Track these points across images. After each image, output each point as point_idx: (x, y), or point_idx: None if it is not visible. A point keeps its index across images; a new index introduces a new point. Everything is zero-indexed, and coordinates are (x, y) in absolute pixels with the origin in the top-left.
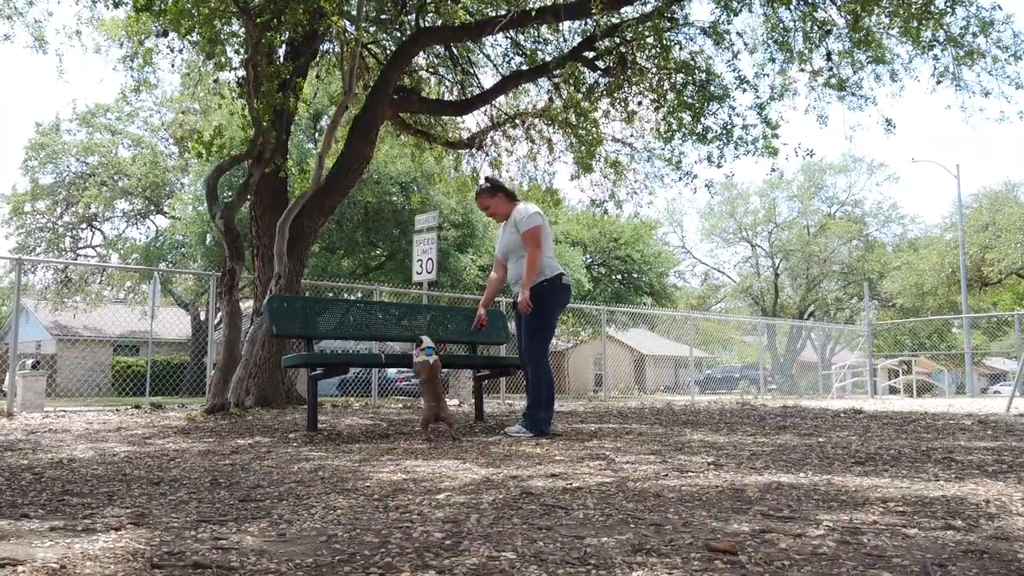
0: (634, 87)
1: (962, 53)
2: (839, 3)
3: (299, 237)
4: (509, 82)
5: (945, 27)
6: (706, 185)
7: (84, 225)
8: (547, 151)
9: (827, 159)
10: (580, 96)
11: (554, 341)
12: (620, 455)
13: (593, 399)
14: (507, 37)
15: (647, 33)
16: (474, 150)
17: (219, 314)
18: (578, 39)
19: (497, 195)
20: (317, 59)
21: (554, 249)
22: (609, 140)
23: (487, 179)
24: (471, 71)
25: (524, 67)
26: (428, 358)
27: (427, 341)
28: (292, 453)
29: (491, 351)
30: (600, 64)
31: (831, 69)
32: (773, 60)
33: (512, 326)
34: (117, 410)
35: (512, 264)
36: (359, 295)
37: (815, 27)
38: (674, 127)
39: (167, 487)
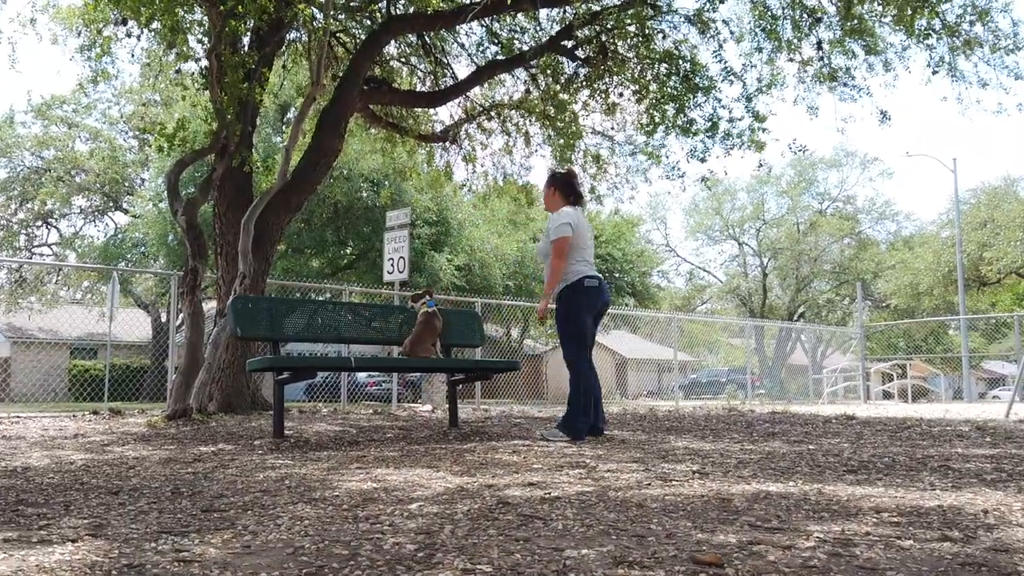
0: (615, 78)
1: (958, 42)
2: None
3: (265, 235)
4: (484, 72)
5: (941, 15)
6: (703, 179)
7: (39, 222)
8: (524, 144)
9: (818, 153)
10: (559, 87)
11: (532, 343)
12: (601, 463)
13: None
14: (482, 25)
15: (629, 21)
16: (448, 143)
17: (181, 316)
18: (556, 27)
19: (552, 189)
20: (284, 48)
21: (590, 251)
22: (589, 133)
23: (560, 172)
24: (445, 61)
25: (500, 57)
26: (428, 308)
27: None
28: (257, 461)
29: (466, 354)
30: (579, 53)
31: (822, 59)
32: (760, 49)
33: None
34: (74, 416)
35: (545, 267)
36: (328, 296)
37: (805, 15)
38: (657, 119)
39: (126, 496)
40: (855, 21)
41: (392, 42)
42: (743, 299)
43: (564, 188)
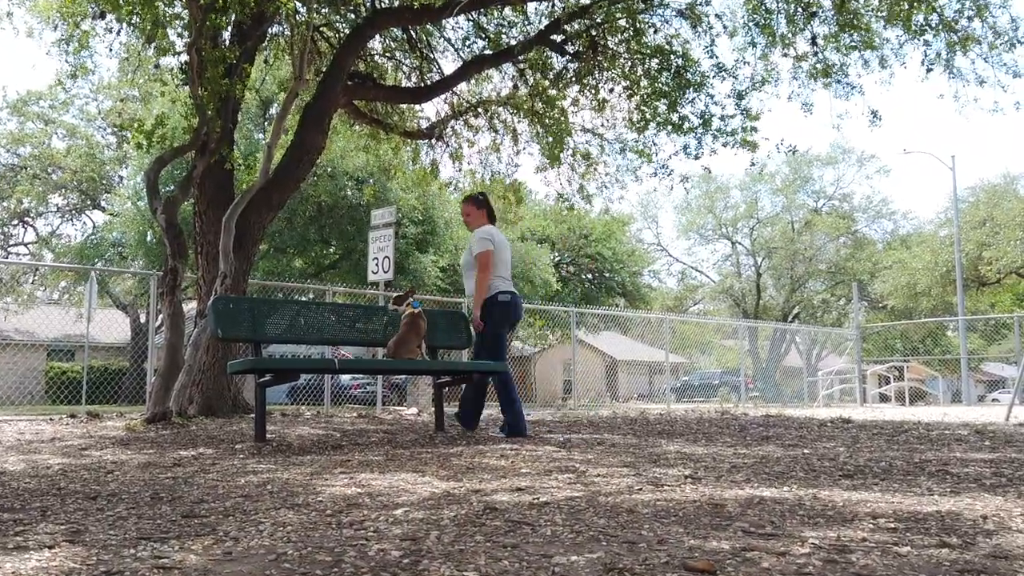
0: (605, 73)
1: (955, 39)
2: None
3: (246, 233)
4: (471, 68)
5: (938, 10)
6: (682, 180)
7: (15, 221)
8: (511, 142)
9: (813, 150)
10: (547, 83)
11: (520, 345)
12: (591, 467)
13: (562, 407)
14: (469, 19)
15: (619, 15)
16: (433, 140)
17: (160, 316)
18: (545, 21)
19: (482, 210)
20: (266, 43)
21: (507, 268)
22: (578, 130)
23: (483, 195)
24: (430, 56)
25: (487, 52)
26: (413, 309)
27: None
28: (239, 465)
29: (452, 356)
30: (569, 48)
31: (816, 54)
32: (754, 44)
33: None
34: (51, 419)
35: (466, 280)
36: (311, 296)
37: (799, 8)
38: (648, 116)
39: (104, 502)
40: (850, 15)
41: (377, 36)
42: (736, 300)
43: (484, 208)
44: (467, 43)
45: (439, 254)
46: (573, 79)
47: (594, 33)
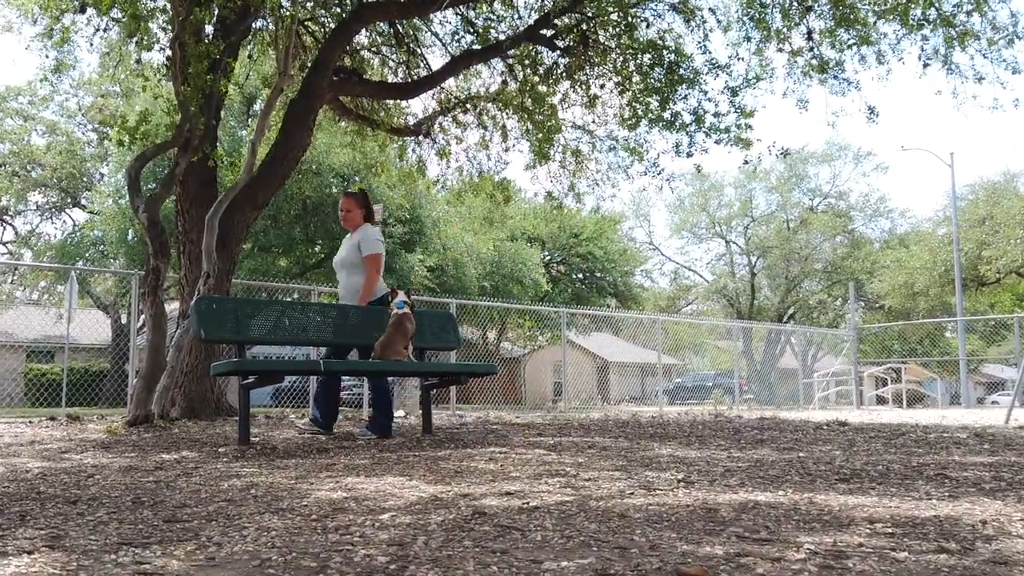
0: (596, 69)
1: (954, 34)
2: None
3: (230, 232)
4: (459, 63)
5: (936, 4)
6: (667, 180)
7: None
8: (500, 139)
9: (809, 147)
10: (537, 78)
11: (510, 347)
12: (582, 471)
13: (552, 410)
14: (457, 13)
15: (611, 9)
16: (421, 137)
17: (142, 317)
18: (535, 15)
19: (362, 210)
20: (250, 37)
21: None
22: (568, 127)
23: (364, 192)
24: (418, 51)
25: (476, 47)
26: (398, 310)
27: (401, 296)
28: (222, 469)
29: (441, 357)
30: (559, 43)
31: (812, 49)
32: (749, 39)
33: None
34: (30, 422)
35: (345, 277)
36: (296, 296)
37: (794, 3)
38: (639, 113)
39: (85, 506)
40: (847, 10)
41: (363, 31)
42: (730, 300)
43: (365, 207)
44: (455, 38)
45: (427, 253)
46: (563, 75)
47: (585, 27)
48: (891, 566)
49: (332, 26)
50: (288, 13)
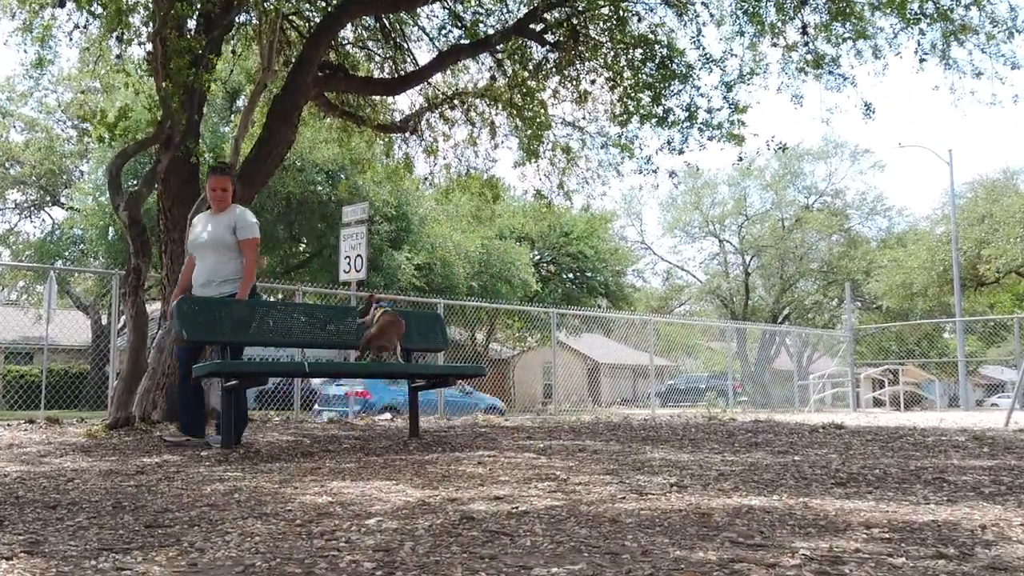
0: (587, 64)
1: (951, 28)
2: None
3: None
4: (447, 58)
5: None
6: (670, 175)
7: None
8: (489, 135)
9: (804, 144)
10: (526, 74)
11: (499, 348)
12: (572, 475)
13: (542, 412)
14: (444, 7)
15: (601, 2)
16: (407, 134)
17: (123, 317)
18: (524, 9)
19: (228, 181)
20: (233, 32)
21: None
22: (558, 123)
23: (223, 164)
24: (404, 46)
25: (464, 41)
26: (386, 308)
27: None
28: (204, 473)
29: (428, 359)
30: (549, 38)
31: (807, 44)
32: (742, 33)
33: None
34: (8, 425)
35: (213, 261)
36: (279, 296)
37: None
38: (631, 109)
39: (64, 511)
40: (842, 3)
41: (349, 25)
42: (724, 300)
43: (235, 187)
44: (443, 32)
45: (414, 251)
46: (553, 70)
47: (575, 21)
48: (888, 572)
49: (317, 20)
50: (272, 7)
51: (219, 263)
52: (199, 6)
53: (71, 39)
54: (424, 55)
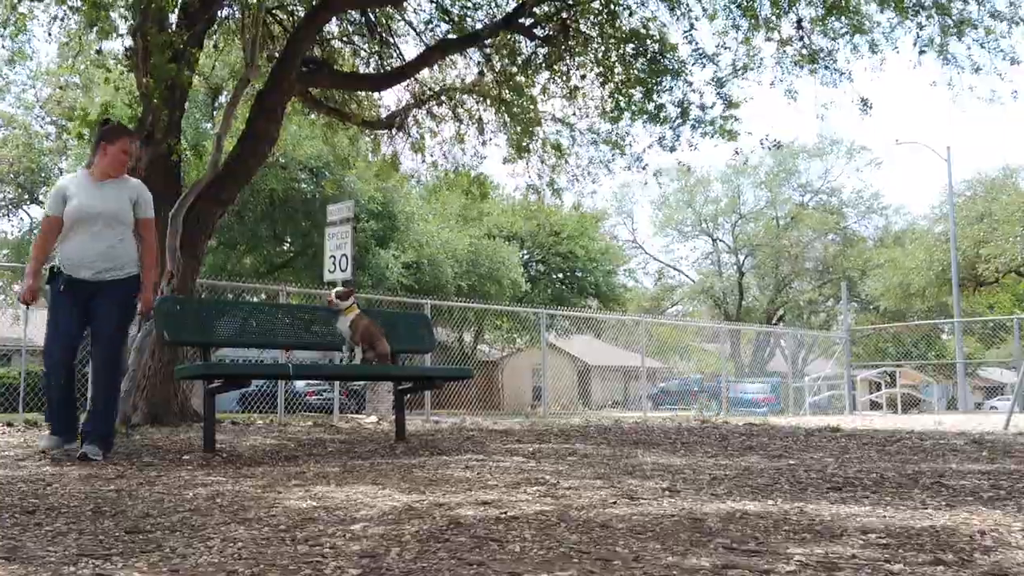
0: (577, 59)
1: (950, 22)
2: None
3: (194, 230)
4: (434, 53)
5: None
6: (655, 174)
7: None
8: (477, 132)
9: (799, 141)
10: (515, 69)
11: (487, 350)
12: (562, 480)
13: (531, 415)
14: (431, 1)
15: None
16: (394, 130)
17: None
18: (513, 3)
19: (129, 146)
20: (215, 27)
21: None
22: (548, 119)
23: (118, 124)
24: (391, 41)
25: (451, 36)
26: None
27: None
28: (186, 477)
29: (415, 361)
30: (538, 32)
31: (802, 38)
32: (736, 27)
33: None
34: None
35: (110, 237)
36: (263, 297)
37: None
38: (622, 105)
39: (43, 516)
40: None
41: (333, 19)
42: (717, 301)
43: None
44: (430, 27)
45: (401, 249)
46: (543, 65)
47: (565, 16)
48: None
49: (301, 14)
50: (255, 1)
51: (116, 242)
52: (180, 0)
53: (50, 34)
54: (411, 50)
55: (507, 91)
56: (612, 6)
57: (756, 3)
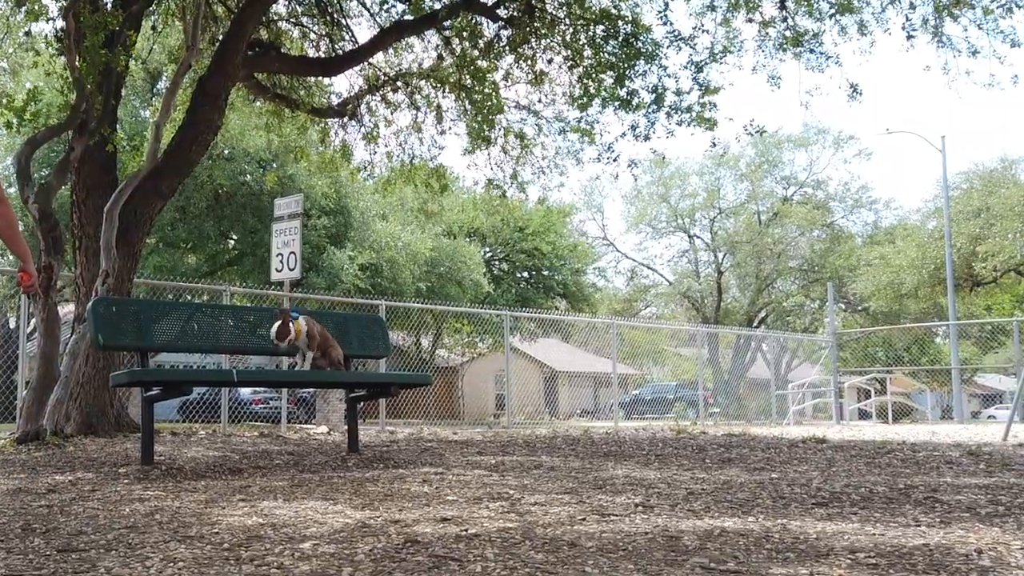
0: (543, 41)
1: (944, 2)
2: None
3: (132, 226)
4: (389, 35)
5: None
6: (629, 164)
7: None
8: (435, 120)
9: (783, 130)
10: (476, 53)
11: (446, 355)
12: (527, 494)
13: (494, 425)
14: None
15: None
16: (345, 119)
17: (32, 321)
18: None
19: None
20: (153, 6)
21: None
22: (512, 107)
23: None
24: (342, 22)
25: (408, 17)
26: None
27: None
28: (123, 492)
29: (368, 366)
30: (501, 13)
31: (785, 19)
32: (714, 8)
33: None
34: None
35: None
36: (206, 297)
37: None
38: (592, 91)
39: None
40: None
41: None
42: (694, 302)
43: None
44: (385, 7)
45: (357, 249)
46: (506, 48)
47: None
48: None
49: None
50: None
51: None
52: None
53: None
54: (364, 32)
55: (468, 76)
56: None
57: None
